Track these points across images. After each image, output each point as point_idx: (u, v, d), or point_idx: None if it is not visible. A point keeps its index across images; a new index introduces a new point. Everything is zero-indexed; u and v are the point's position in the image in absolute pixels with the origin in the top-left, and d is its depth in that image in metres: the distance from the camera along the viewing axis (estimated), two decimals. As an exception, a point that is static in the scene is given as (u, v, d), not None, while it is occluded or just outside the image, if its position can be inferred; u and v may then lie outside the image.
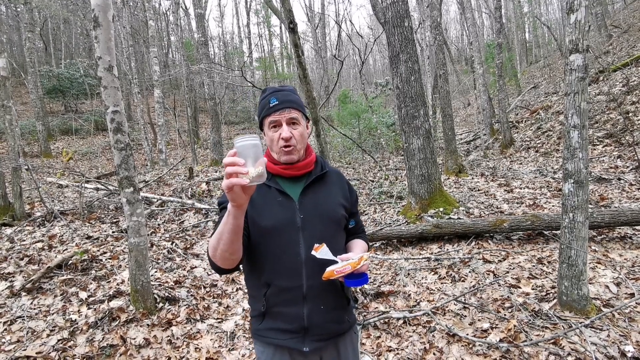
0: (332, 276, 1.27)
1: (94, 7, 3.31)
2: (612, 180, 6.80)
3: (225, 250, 1.21)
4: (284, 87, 1.50)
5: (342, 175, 1.64)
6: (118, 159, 3.47)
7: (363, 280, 1.31)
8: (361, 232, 1.69)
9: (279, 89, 1.48)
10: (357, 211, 1.67)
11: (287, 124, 1.43)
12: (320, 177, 1.53)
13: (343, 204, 1.54)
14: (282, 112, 1.42)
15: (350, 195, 1.60)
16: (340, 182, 1.60)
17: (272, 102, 1.44)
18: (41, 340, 3.16)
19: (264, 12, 33.97)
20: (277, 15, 7.24)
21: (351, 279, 1.30)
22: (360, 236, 1.66)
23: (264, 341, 1.46)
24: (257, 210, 1.42)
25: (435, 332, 3.09)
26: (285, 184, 1.48)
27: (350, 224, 1.61)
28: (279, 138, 1.42)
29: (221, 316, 3.75)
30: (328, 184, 1.55)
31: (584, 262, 2.96)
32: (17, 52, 26.97)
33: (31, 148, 17.11)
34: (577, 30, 2.84)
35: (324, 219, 1.45)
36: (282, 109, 1.42)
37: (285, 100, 1.44)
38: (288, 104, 1.43)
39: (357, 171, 11.17)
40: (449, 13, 47.76)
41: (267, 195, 1.45)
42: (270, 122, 1.44)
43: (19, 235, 5.66)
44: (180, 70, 17.20)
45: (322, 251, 1.30)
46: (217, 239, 1.22)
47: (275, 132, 1.43)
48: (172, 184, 9.40)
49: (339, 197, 1.55)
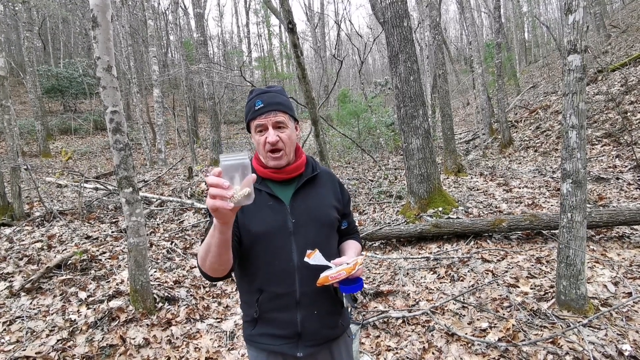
0: (326, 282, 1.25)
1: (93, 7, 3.31)
2: (610, 179, 6.82)
3: (214, 262, 1.20)
4: (270, 88, 1.45)
5: (334, 176, 1.62)
6: (117, 159, 3.48)
7: (358, 286, 1.28)
8: (354, 232, 1.66)
9: (265, 90, 1.44)
10: (350, 212, 1.64)
11: (274, 128, 1.39)
12: (312, 179, 1.50)
13: (335, 206, 1.52)
14: (268, 116, 1.38)
15: (342, 196, 1.58)
16: (332, 183, 1.57)
17: (257, 105, 1.39)
18: (40, 340, 3.16)
19: (264, 12, 33.94)
20: (275, 15, 7.24)
21: (346, 284, 1.27)
22: (353, 237, 1.64)
23: (257, 347, 1.45)
24: (248, 215, 1.39)
25: (434, 332, 3.10)
26: (276, 188, 1.45)
27: (343, 225, 1.58)
28: (265, 142, 1.38)
29: (221, 316, 3.76)
30: (320, 186, 1.52)
31: (582, 262, 2.98)
32: (15, 51, 26.92)
33: (30, 148, 17.09)
34: (575, 31, 2.84)
35: (316, 222, 1.43)
36: (268, 112, 1.38)
37: (271, 102, 1.39)
38: (274, 106, 1.39)
39: (356, 171, 11.18)
40: (449, 13, 47.82)
41: (258, 200, 1.41)
42: (256, 125, 1.40)
43: (18, 235, 5.65)
44: (180, 69, 17.19)
45: (315, 257, 1.27)
46: (205, 251, 1.20)
47: (262, 136, 1.39)
48: (171, 184, 9.40)
49: (331, 199, 1.53)
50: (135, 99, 16.85)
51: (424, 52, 17.90)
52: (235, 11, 61.54)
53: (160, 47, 26.96)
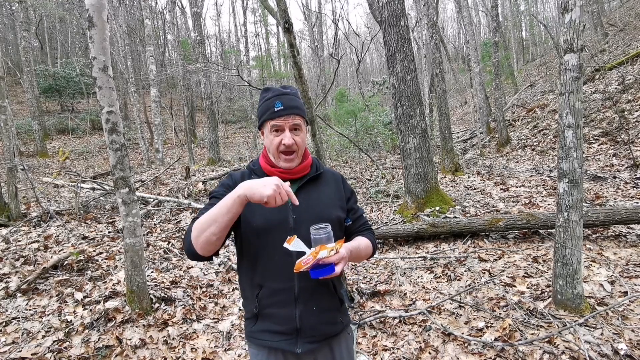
0: (301, 268, 1.24)
1: (89, 7, 3.30)
2: (607, 178, 6.84)
3: (214, 234, 1.23)
4: (287, 90, 1.48)
5: (338, 174, 1.63)
6: (113, 159, 3.47)
7: (325, 271, 1.26)
8: (364, 229, 1.62)
9: (283, 92, 1.47)
10: (356, 208, 1.63)
11: (290, 130, 1.43)
12: (315, 177, 1.53)
13: (339, 204, 1.53)
14: (287, 118, 1.42)
15: (344, 191, 1.59)
16: (335, 182, 1.59)
17: (277, 106, 1.42)
18: (36, 341, 3.15)
19: (261, 11, 33.85)
20: (272, 14, 7.22)
21: (317, 269, 1.27)
22: (363, 234, 1.60)
23: (257, 343, 1.46)
24: (250, 209, 1.40)
25: (431, 331, 3.10)
26: None
27: (347, 222, 1.57)
28: (280, 143, 1.42)
29: (217, 316, 3.75)
30: (323, 185, 1.54)
31: (579, 261, 2.98)
32: (12, 51, 26.86)
33: (27, 147, 17.04)
34: (572, 30, 2.85)
35: (317, 220, 1.42)
36: (287, 115, 1.42)
37: (290, 105, 1.43)
38: (294, 110, 1.43)
39: (353, 170, 11.18)
40: (446, 11, 47.77)
41: None
42: (272, 125, 1.44)
43: (15, 236, 5.63)
44: (177, 69, 17.16)
45: (294, 243, 1.28)
46: (208, 221, 1.23)
47: (277, 136, 1.43)
48: (168, 184, 9.38)
49: (334, 197, 1.54)
50: (133, 98, 16.81)
51: (422, 51, 17.87)
52: (232, 10, 61.41)
53: (158, 46, 26.87)
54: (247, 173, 1.53)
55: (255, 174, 1.51)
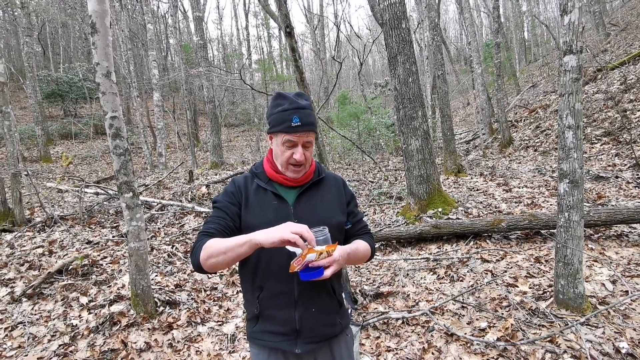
0: (294, 269, 1.26)
1: (92, 14, 3.34)
2: (609, 178, 6.83)
3: (221, 263, 1.29)
4: (304, 103, 1.46)
5: (339, 179, 1.65)
6: (117, 164, 3.50)
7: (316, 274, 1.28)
8: (363, 232, 1.64)
9: (301, 105, 1.45)
10: (356, 212, 1.65)
11: (303, 146, 1.45)
12: (317, 182, 1.56)
13: (339, 209, 1.56)
14: (302, 135, 1.43)
15: (346, 197, 1.61)
16: (336, 186, 1.61)
17: (294, 121, 1.42)
18: (42, 345, 3.18)
19: (263, 14, 33.92)
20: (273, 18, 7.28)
21: (307, 272, 1.29)
22: (361, 237, 1.62)
23: (258, 344, 1.50)
24: (252, 212, 1.45)
25: (434, 332, 3.12)
26: (282, 188, 1.51)
27: (346, 225, 1.59)
28: (290, 157, 1.44)
29: (222, 319, 3.78)
30: (324, 189, 1.57)
31: (580, 261, 2.99)
32: (15, 56, 27.01)
33: (30, 153, 17.13)
34: (571, 32, 2.86)
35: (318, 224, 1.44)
36: (303, 132, 1.43)
37: (307, 122, 1.44)
38: (310, 127, 1.45)
39: (356, 172, 11.20)
40: (448, 13, 47.75)
41: (263, 198, 1.48)
42: (287, 140, 1.44)
43: (19, 241, 5.68)
44: (179, 73, 17.24)
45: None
46: (218, 252, 1.27)
47: (289, 150, 1.44)
48: (172, 188, 9.42)
49: (335, 202, 1.57)
50: (136, 102, 16.89)
51: (424, 53, 17.91)
52: (234, 14, 61.62)
53: (160, 50, 27.02)
54: (249, 177, 1.55)
55: (258, 178, 1.53)
